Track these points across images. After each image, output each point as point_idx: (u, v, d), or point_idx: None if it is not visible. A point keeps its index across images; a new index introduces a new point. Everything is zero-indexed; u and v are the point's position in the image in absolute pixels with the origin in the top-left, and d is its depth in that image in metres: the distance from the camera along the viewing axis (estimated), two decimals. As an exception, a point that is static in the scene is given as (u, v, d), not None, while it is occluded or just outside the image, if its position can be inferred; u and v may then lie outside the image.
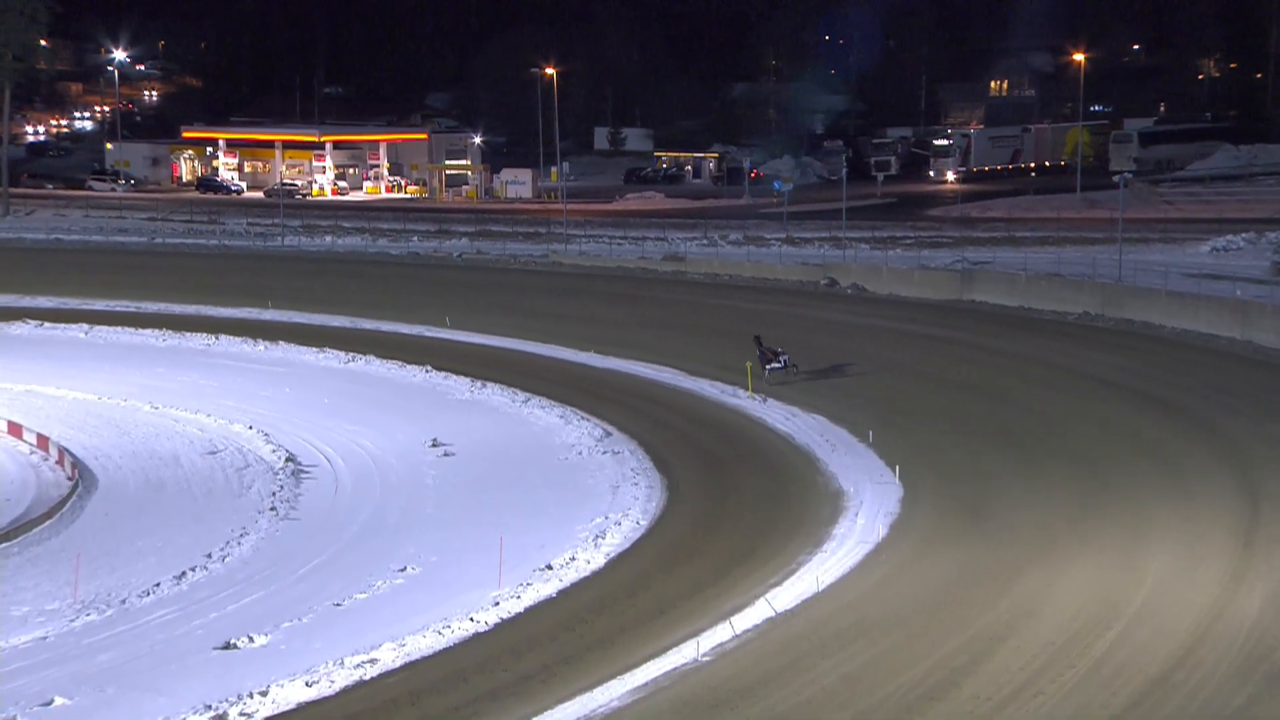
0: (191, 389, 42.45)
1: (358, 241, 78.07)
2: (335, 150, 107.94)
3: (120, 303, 56.72)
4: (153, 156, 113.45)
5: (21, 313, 53.54)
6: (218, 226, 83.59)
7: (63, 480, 32.93)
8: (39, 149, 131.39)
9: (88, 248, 75.50)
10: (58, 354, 47.15)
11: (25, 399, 40.55)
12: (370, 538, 29.53)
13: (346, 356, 47.39)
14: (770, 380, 42.95)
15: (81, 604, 24.74)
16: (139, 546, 28.26)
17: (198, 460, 35.10)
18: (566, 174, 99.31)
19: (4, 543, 28.14)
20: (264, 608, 25.02)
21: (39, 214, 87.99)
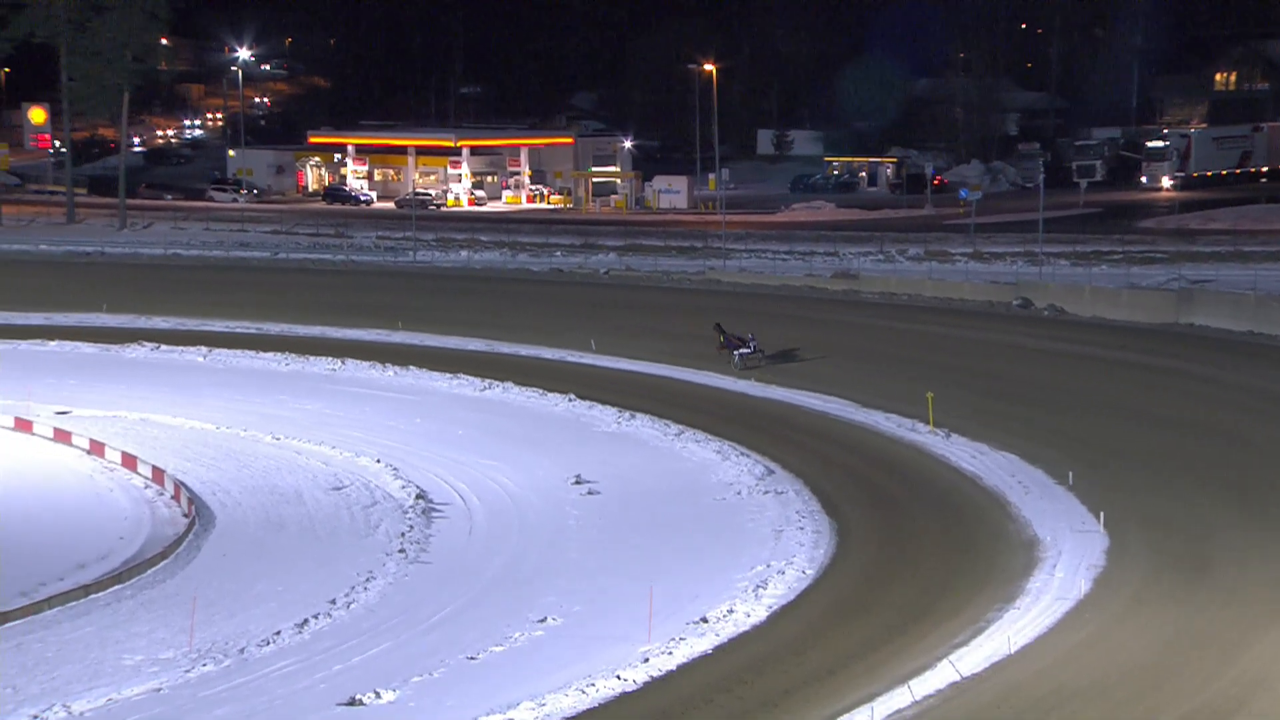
0: (315, 418, 43.46)
1: (496, 257, 79.21)
2: (472, 156, 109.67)
3: (241, 324, 58.41)
4: (277, 164, 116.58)
5: (137, 334, 55.46)
6: (345, 240, 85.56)
7: (179, 517, 33.97)
8: (158, 156, 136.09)
9: (207, 263, 77.97)
10: (175, 379, 48.70)
11: (140, 428, 41.96)
12: (507, 584, 29.87)
13: (482, 384, 48.07)
14: (742, 366, 47.10)
15: (197, 653, 25.45)
16: (258, 591, 28.99)
17: (321, 497, 35.90)
18: (726, 182, 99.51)
19: (117, 585, 29.09)
20: (392, 660, 25.45)
21: (156, 227, 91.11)
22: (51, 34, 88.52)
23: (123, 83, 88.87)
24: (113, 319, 58.77)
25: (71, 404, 43.98)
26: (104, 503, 35.25)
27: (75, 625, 26.77)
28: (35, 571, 29.52)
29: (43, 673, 24.32)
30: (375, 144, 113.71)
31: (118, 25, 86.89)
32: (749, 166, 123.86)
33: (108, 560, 30.72)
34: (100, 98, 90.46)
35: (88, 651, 25.37)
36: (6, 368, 49.21)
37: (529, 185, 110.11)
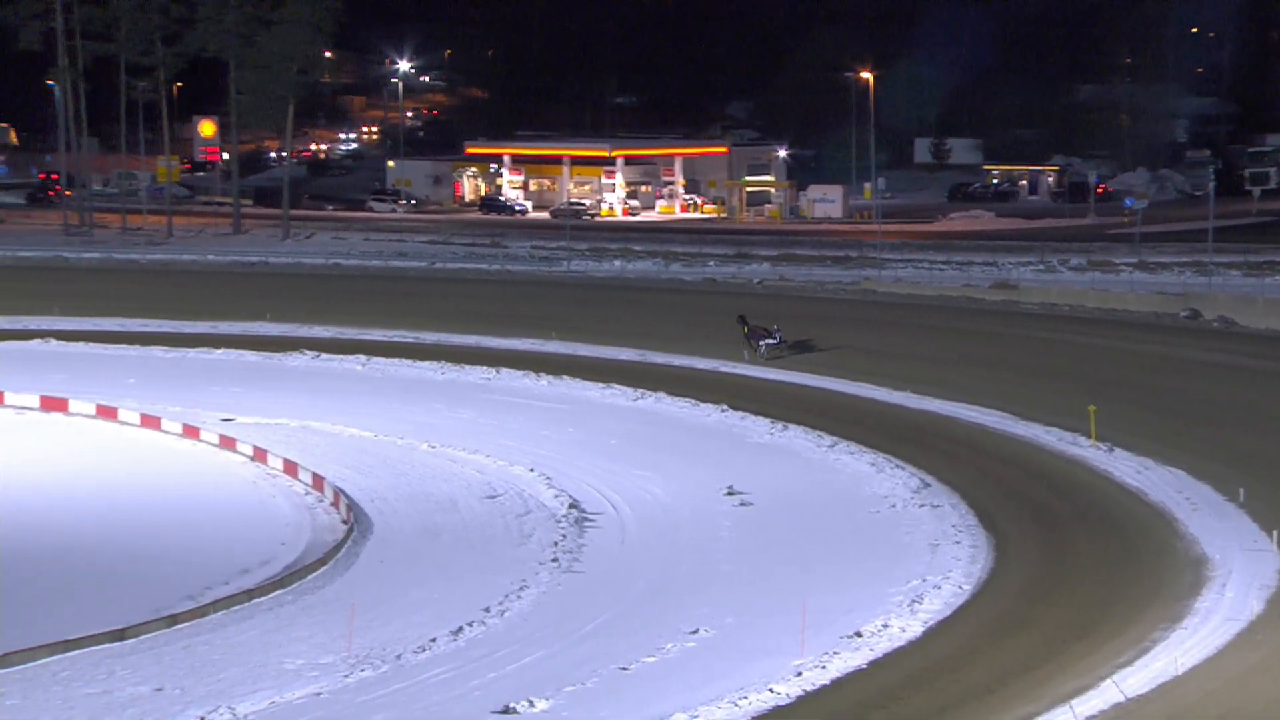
0: (470, 427, 44.03)
1: (649, 266, 79.55)
2: (626, 166, 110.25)
3: (398, 333, 59.42)
4: (434, 174, 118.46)
5: (299, 343, 56.73)
6: (500, 250, 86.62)
7: (337, 524, 34.64)
8: (320, 167, 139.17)
9: (366, 273, 79.50)
10: (334, 387, 49.71)
11: (301, 435, 42.90)
12: (659, 595, 29.95)
13: (635, 394, 48.29)
14: (767, 356, 51.01)
15: (356, 658, 25.93)
16: (414, 598, 29.45)
17: (476, 505, 36.36)
18: (882, 191, 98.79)
19: (279, 590, 29.75)
20: (545, 669, 25.67)
21: (318, 237, 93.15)
22: (221, 48, 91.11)
23: (287, 95, 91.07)
24: (275, 328, 60.19)
25: (236, 411, 45.10)
26: (266, 508, 36.09)
27: (239, 629, 27.43)
28: (201, 575, 30.34)
29: (209, 674, 24.98)
30: (531, 154, 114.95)
31: (284, 39, 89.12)
32: (905, 175, 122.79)
33: (270, 565, 31.44)
34: (266, 110, 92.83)
35: (251, 654, 25.99)
36: (175, 375, 50.74)
37: (683, 195, 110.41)
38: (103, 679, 24.58)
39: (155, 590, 29.21)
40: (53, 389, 46.22)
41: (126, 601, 28.32)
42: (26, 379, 47.89)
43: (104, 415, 44.26)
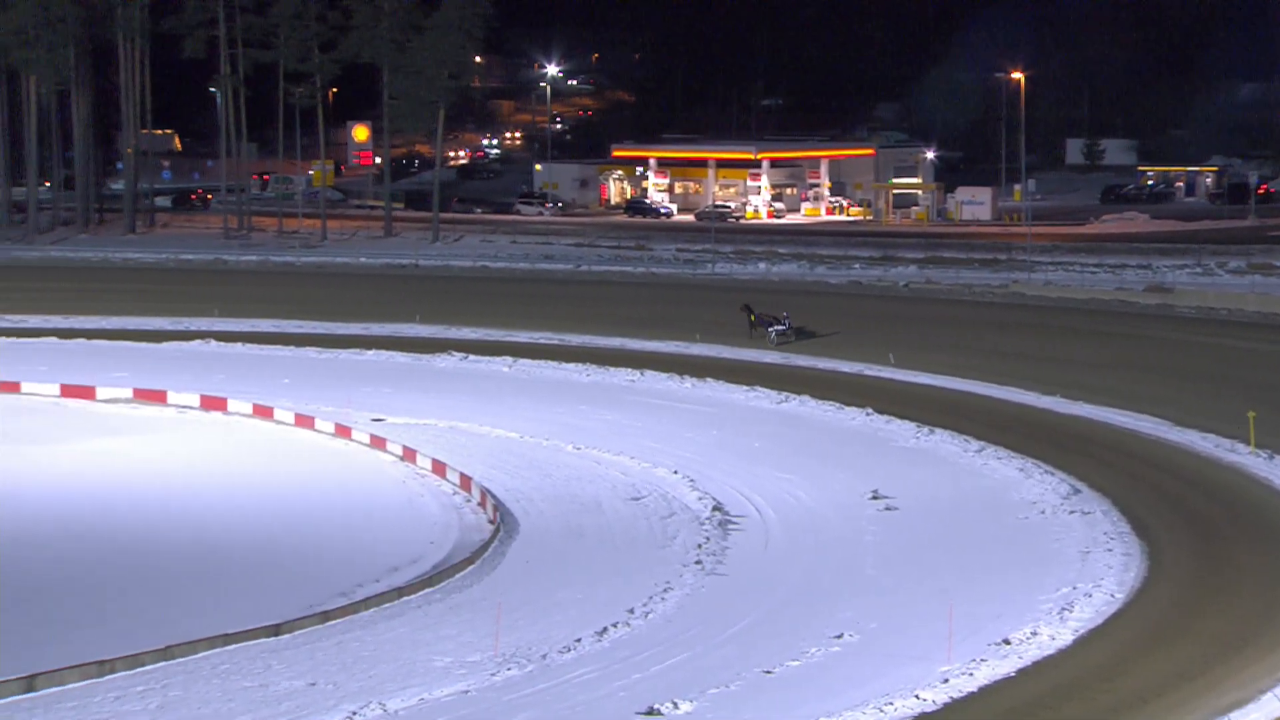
0: (614, 429, 44.24)
1: (793, 269, 79.21)
2: (772, 168, 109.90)
3: (544, 334, 59.93)
4: (581, 178, 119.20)
5: (447, 344, 57.51)
6: (645, 253, 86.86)
7: (484, 524, 35.04)
8: (469, 171, 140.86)
9: (513, 275, 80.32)
10: (481, 388, 50.31)
11: (449, 436, 43.48)
12: (803, 599, 29.82)
13: (779, 396, 48.14)
14: (776, 342, 53.71)
15: (503, 657, 26.19)
16: (559, 598, 29.67)
17: (620, 507, 36.52)
18: (1032, 192, 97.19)
19: (427, 588, 30.18)
20: (689, 671, 25.69)
21: (466, 239, 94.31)
22: (375, 55, 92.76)
23: (439, 100, 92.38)
24: (425, 329, 61.10)
25: (386, 411, 45.86)
26: (415, 508, 36.64)
27: (390, 626, 27.85)
28: (353, 572, 30.89)
29: (360, 671, 25.41)
30: (676, 157, 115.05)
31: (436, 45, 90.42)
32: (1057, 177, 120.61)
33: (419, 564, 31.90)
34: (418, 115, 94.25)
35: (400, 652, 26.39)
36: (328, 376, 51.74)
37: (828, 197, 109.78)
38: (259, 673, 25.14)
39: (309, 586, 29.81)
40: (212, 389, 47.46)
41: (281, 597, 28.94)
42: (188, 379, 49.25)
43: (260, 414, 45.31)
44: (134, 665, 25.07)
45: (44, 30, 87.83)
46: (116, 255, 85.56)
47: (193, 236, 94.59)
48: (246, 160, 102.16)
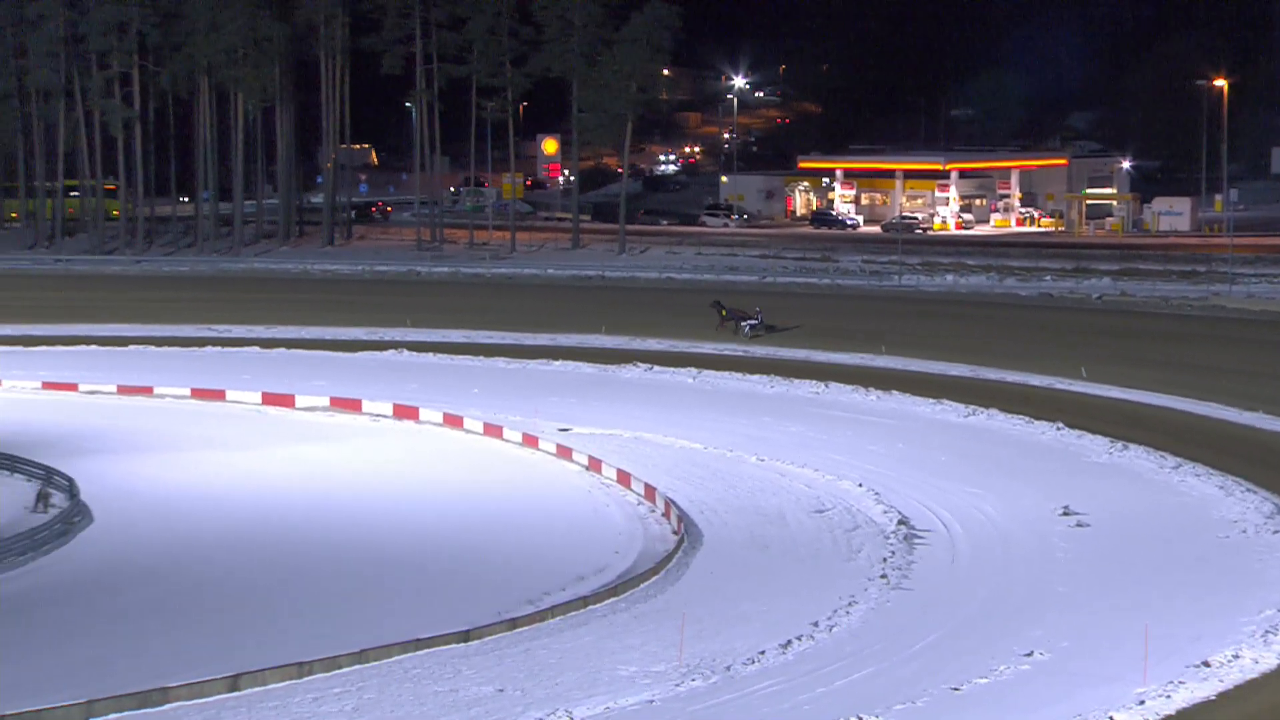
0: (798, 440, 44.03)
1: (982, 281, 77.98)
2: (961, 179, 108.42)
3: (728, 346, 59.88)
4: (766, 189, 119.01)
5: (633, 355, 57.87)
6: (831, 264, 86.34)
7: (669, 534, 35.14)
8: (655, 183, 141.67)
9: (698, 287, 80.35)
10: (665, 399, 50.49)
11: (633, 446, 43.70)
12: (991, 615, 29.29)
13: (966, 409, 47.42)
14: (750, 336, 57.83)
15: (687, 668, 26.20)
16: (743, 610, 29.59)
17: (804, 519, 36.31)
18: (1234, 202, 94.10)
19: (613, 598, 30.34)
20: (874, 686, 25.41)
21: (652, 251, 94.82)
22: (566, 69, 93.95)
23: (627, 113, 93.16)
24: (610, 340, 61.57)
25: (572, 421, 46.28)
26: (600, 517, 36.90)
27: (576, 634, 28.07)
28: (539, 580, 31.23)
29: (547, 678, 25.66)
30: (863, 168, 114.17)
31: (625, 58, 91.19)
32: (1262, 187, 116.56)
33: (604, 573, 32.11)
34: (606, 128, 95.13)
35: (586, 660, 26.57)
36: (516, 386, 52.44)
37: (1019, 208, 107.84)
38: (449, 678, 25.54)
39: (497, 593, 30.22)
40: (405, 398, 48.46)
41: (470, 604, 29.39)
42: (382, 388, 50.38)
43: (450, 423, 46.12)
44: (331, 668, 25.68)
45: (251, 49, 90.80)
46: (315, 267, 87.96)
47: (387, 248, 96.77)
48: (440, 173, 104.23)
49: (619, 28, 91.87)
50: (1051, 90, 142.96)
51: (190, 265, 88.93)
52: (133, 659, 25.95)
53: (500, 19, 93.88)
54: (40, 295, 74.42)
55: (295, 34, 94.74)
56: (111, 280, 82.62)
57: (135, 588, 30.56)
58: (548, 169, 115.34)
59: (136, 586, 30.65)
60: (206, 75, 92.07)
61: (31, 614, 28.81)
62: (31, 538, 32.70)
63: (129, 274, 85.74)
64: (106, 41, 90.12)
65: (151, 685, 24.16)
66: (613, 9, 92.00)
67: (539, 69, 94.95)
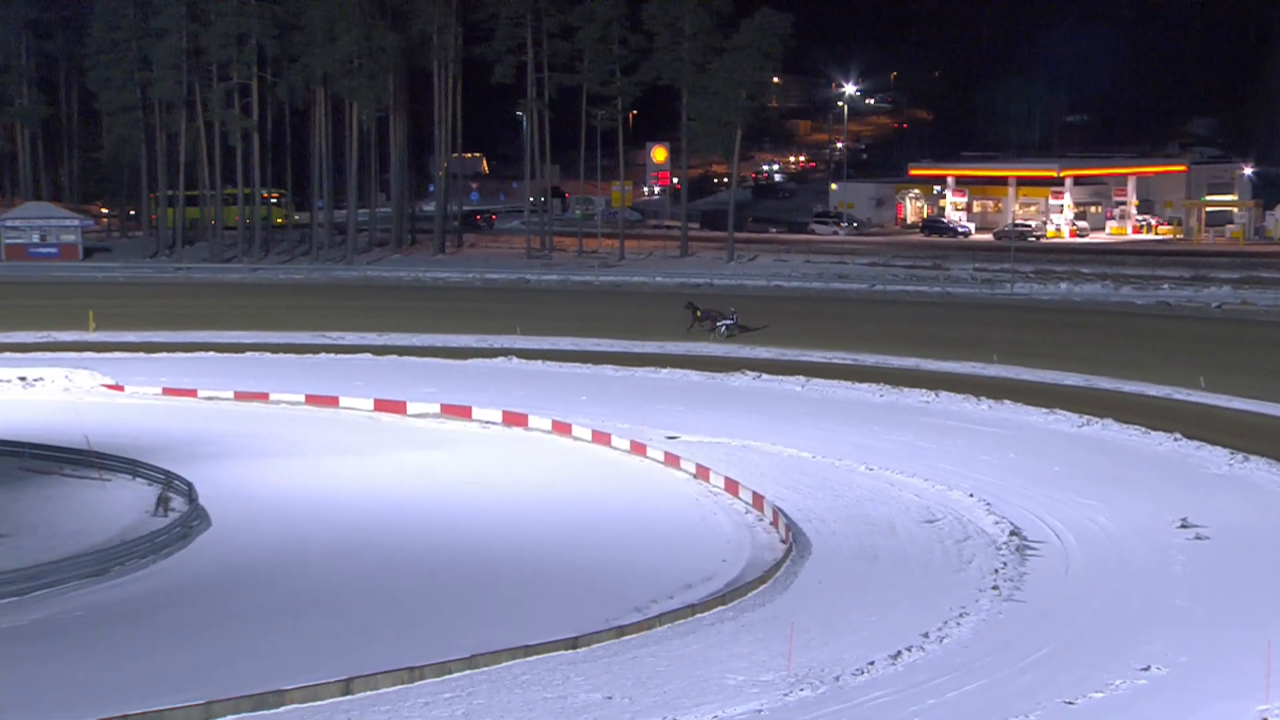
0: (907, 450, 43.69)
1: (1097, 289, 76.92)
2: (1075, 186, 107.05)
3: (837, 354, 59.65)
4: (877, 197, 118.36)
5: (740, 363, 57.78)
6: (941, 272, 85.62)
7: (776, 543, 35.02)
8: (764, 191, 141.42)
9: (806, 295, 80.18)
10: (773, 407, 50.34)
11: (741, 454, 43.62)
12: (1106, 629, 28.84)
13: (1079, 419, 46.78)
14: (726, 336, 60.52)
15: (795, 678, 26.07)
16: (852, 620, 29.40)
17: (914, 529, 36.01)
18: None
19: (720, 606, 30.30)
20: (986, 699, 25.11)
21: (761, 259, 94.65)
22: (675, 76, 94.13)
23: (736, 120, 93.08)
24: (719, 348, 61.59)
25: (680, 429, 46.30)
26: (708, 525, 36.87)
27: (683, 643, 28.04)
28: (647, 588, 31.27)
29: (655, 686, 25.66)
30: (975, 175, 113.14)
31: (735, 65, 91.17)
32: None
33: (712, 582, 32.08)
34: (715, 135, 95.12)
35: (694, 669, 26.55)
36: (624, 393, 52.58)
37: (1135, 215, 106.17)
38: (558, 684, 25.65)
39: (604, 600, 30.30)
40: (514, 405, 48.80)
41: (578, 610, 29.49)
42: (492, 395, 50.80)
43: (559, 431, 46.36)
44: (442, 673, 25.91)
45: (366, 60, 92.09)
46: (427, 275, 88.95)
47: (497, 256, 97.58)
48: (549, 182, 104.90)
49: (729, 35, 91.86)
50: (1170, 95, 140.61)
51: (305, 273, 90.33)
52: (248, 661, 26.39)
53: (611, 27, 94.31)
54: (161, 303, 76.02)
55: (409, 44, 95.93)
56: (229, 288, 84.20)
57: (251, 591, 31.08)
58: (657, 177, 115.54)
59: (252, 590, 31.16)
60: (322, 86, 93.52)
61: (152, 616, 29.40)
62: (152, 541, 33.36)
63: (246, 282, 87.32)
64: (226, 53, 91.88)
65: (267, 687, 24.56)
66: (723, 16, 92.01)
67: (649, 77, 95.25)
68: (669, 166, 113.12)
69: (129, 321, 66.57)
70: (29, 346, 61.27)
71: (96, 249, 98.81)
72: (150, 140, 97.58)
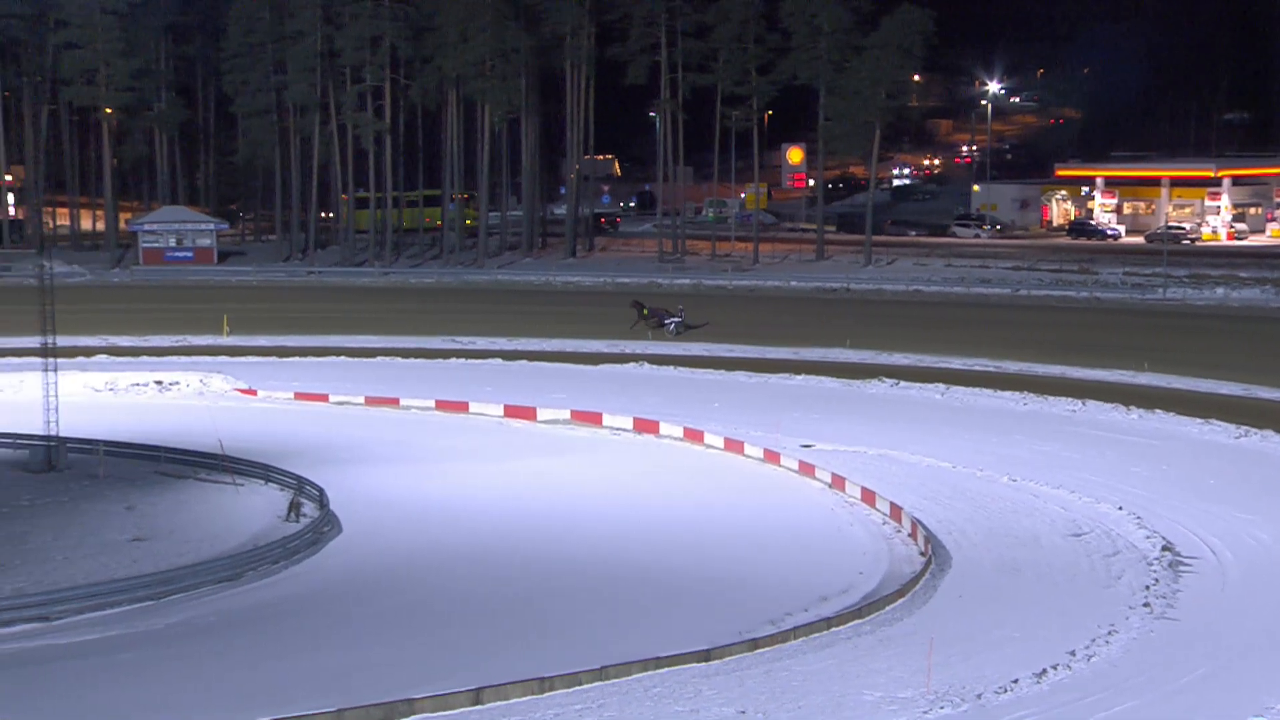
0: (1052, 460, 42.99)
1: (1257, 294, 75.12)
2: (1234, 187, 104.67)
3: (979, 361, 58.89)
4: (1021, 198, 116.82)
5: (878, 370, 57.33)
6: (1089, 276, 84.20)
7: (915, 555, 34.64)
8: (903, 192, 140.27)
9: (947, 300, 79.29)
10: (912, 415, 49.84)
11: (878, 464, 43.24)
12: (1266, 650, 28.09)
13: (1237, 430, 45.70)
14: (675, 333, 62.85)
15: (935, 695, 25.73)
16: (994, 636, 28.96)
17: (1059, 543, 35.40)
18: None
19: (856, 620, 30.03)
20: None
21: (899, 263, 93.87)
22: (813, 76, 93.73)
23: (875, 120, 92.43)
24: (854, 354, 61.15)
25: (815, 437, 46.05)
26: (844, 537, 36.58)
27: (818, 657, 27.81)
28: (781, 600, 31.09)
29: (790, 701, 25.49)
30: (1126, 176, 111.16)
31: (875, 64, 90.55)
32: None
33: (848, 594, 31.82)
34: (853, 136, 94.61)
35: (830, 684, 26.32)
36: (757, 400, 52.43)
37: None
38: (690, 698, 25.60)
39: (737, 612, 30.19)
40: (645, 411, 48.90)
41: (710, 622, 29.42)
42: (622, 401, 50.95)
43: (690, 438, 46.34)
44: (572, 684, 25.98)
45: (498, 61, 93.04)
46: (558, 278, 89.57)
47: (629, 260, 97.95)
48: (683, 184, 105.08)
49: (868, 33, 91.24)
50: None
51: (436, 277, 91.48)
52: (378, 668, 26.73)
53: (747, 26, 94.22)
54: (293, 306, 77.46)
55: (541, 45, 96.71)
56: (360, 291, 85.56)
57: (381, 598, 31.47)
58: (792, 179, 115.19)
59: (382, 596, 31.56)
60: (455, 88, 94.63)
61: (283, 621, 29.91)
62: (284, 546, 33.95)
63: (377, 285, 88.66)
64: (360, 55, 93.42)
65: (397, 695, 24.85)
66: (863, 13, 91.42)
67: (785, 76, 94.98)
68: (805, 168, 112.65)
69: (262, 325, 67.93)
70: (165, 350, 62.79)
71: (231, 252, 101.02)
72: (284, 144, 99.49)
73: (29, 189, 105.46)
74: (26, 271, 79.29)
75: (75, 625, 29.07)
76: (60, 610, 29.44)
